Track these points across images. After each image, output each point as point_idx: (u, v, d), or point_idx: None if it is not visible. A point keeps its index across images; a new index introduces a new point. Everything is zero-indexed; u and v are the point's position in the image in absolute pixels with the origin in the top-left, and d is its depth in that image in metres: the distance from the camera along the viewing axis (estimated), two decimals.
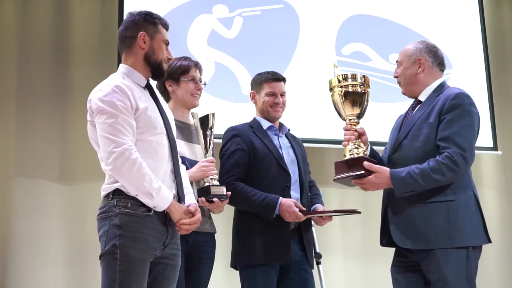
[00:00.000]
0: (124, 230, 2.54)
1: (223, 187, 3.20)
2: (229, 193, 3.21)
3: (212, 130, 3.23)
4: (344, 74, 3.09)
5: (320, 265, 3.76)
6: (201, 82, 3.35)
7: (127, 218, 2.55)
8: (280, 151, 3.47)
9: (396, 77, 3.22)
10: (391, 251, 3.21)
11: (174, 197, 2.65)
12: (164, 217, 2.64)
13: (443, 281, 2.87)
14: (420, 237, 2.92)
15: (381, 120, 4.60)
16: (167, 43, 2.77)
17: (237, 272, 3.45)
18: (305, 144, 3.78)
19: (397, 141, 3.07)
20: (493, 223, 5.88)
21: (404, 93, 3.21)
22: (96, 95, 2.63)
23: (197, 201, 3.09)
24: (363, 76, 3.06)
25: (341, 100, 3.05)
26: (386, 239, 3.10)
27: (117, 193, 2.59)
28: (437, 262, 2.88)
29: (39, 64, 4.91)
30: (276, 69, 3.66)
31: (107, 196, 2.62)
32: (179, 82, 3.30)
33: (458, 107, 2.98)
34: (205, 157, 3.22)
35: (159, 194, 2.56)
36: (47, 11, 4.99)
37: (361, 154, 3.00)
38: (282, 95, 3.56)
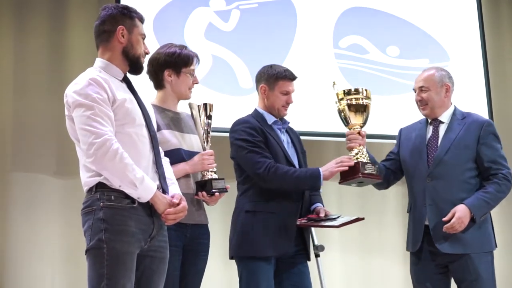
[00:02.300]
0: (109, 223, 2.53)
1: (223, 180, 3.18)
2: (229, 186, 3.20)
3: (211, 120, 3.22)
4: (349, 89, 3.47)
5: (318, 258, 3.76)
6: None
7: (112, 211, 2.55)
8: (287, 145, 3.49)
9: (420, 100, 3.62)
10: (388, 246, 3.36)
11: (158, 188, 2.64)
12: (150, 209, 2.63)
13: (479, 280, 3.42)
14: (458, 243, 3.41)
15: (377, 112, 4.58)
16: (143, 37, 2.76)
17: (234, 264, 3.44)
18: (302, 137, 3.76)
19: (438, 157, 3.50)
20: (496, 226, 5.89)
21: (427, 115, 3.64)
22: (72, 89, 2.63)
23: (197, 194, 3.11)
24: (365, 90, 3.45)
25: (347, 111, 3.44)
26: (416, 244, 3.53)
27: (100, 187, 2.58)
28: (473, 264, 3.41)
29: (35, 59, 4.90)
30: (274, 62, 3.63)
31: (90, 190, 2.61)
32: (180, 74, 3.22)
33: (494, 133, 3.59)
34: (204, 148, 3.21)
35: (142, 184, 2.55)
36: (44, 10, 4.98)
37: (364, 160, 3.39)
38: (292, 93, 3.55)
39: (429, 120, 3.65)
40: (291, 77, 3.52)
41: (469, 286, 3.43)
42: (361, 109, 3.43)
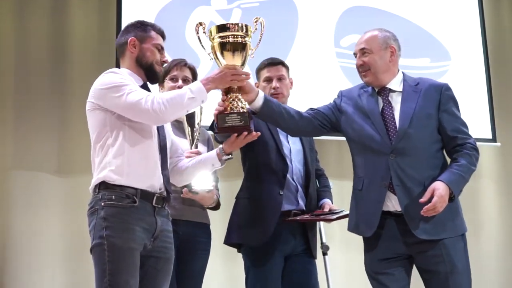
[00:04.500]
0: (110, 221, 2.59)
1: (210, 179, 3.17)
2: (214, 183, 3.19)
3: (199, 125, 3.23)
4: (224, 24, 2.86)
5: (326, 256, 3.74)
6: (185, 80, 3.33)
7: (113, 210, 2.61)
8: (285, 140, 3.45)
9: (361, 65, 3.18)
10: None
11: (161, 189, 2.72)
12: (152, 208, 2.68)
13: (454, 272, 2.97)
14: (434, 227, 2.98)
15: None
16: (159, 48, 2.86)
17: (238, 263, 3.44)
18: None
19: (402, 129, 3.04)
20: (493, 215, 5.90)
21: (369, 82, 3.17)
22: (98, 82, 2.73)
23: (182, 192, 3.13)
24: (245, 26, 2.88)
25: (220, 51, 2.84)
26: (371, 229, 3.07)
27: (103, 186, 2.65)
28: (448, 253, 2.98)
29: (37, 60, 4.91)
30: None
31: (94, 190, 2.69)
32: (164, 83, 3.35)
33: (453, 98, 3.14)
34: (191, 149, 3.21)
35: (193, 92, 2.66)
36: (45, 13, 4.98)
37: (244, 109, 2.85)
38: (280, 79, 3.50)
39: (377, 90, 3.19)
40: (267, 62, 3.54)
41: (441, 280, 2.99)
42: (239, 48, 2.84)
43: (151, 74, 2.84)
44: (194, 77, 3.37)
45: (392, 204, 3.04)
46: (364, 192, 3.10)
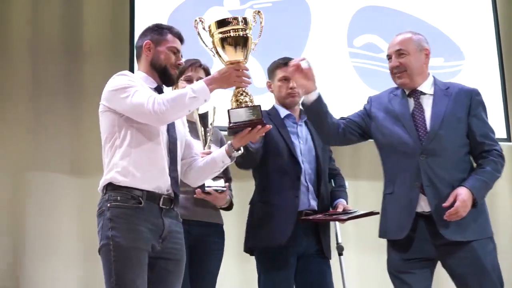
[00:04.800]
0: (116, 222, 2.61)
1: (222, 179, 3.19)
2: (227, 184, 3.21)
3: (212, 125, 3.22)
4: (223, 19, 2.80)
5: (341, 257, 3.73)
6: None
7: (118, 211, 2.63)
8: (297, 141, 3.45)
9: (397, 66, 3.19)
10: None
11: (168, 191, 2.72)
12: (159, 210, 2.69)
13: (485, 275, 2.98)
14: (462, 229, 2.99)
15: None
16: (174, 51, 2.87)
17: (251, 264, 3.44)
18: None
19: (433, 130, 3.08)
20: (508, 215, 5.86)
21: (404, 83, 3.19)
22: (108, 84, 2.75)
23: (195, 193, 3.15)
24: (244, 19, 2.80)
25: (222, 46, 2.78)
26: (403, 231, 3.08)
27: (110, 187, 2.68)
28: (477, 255, 2.99)
29: (51, 60, 4.91)
30: None
31: (102, 191, 2.71)
32: (178, 84, 3.34)
33: (482, 103, 3.19)
34: (204, 149, 3.22)
35: (195, 92, 2.64)
36: (58, 8, 4.99)
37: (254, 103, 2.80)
38: None
39: (407, 92, 3.22)
40: (283, 61, 3.52)
41: (471, 282, 3.00)
42: (241, 42, 2.76)
43: (165, 77, 2.86)
44: None
45: (421, 205, 3.06)
46: (395, 195, 3.13)
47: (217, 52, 2.80)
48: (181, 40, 2.92)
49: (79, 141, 4.86)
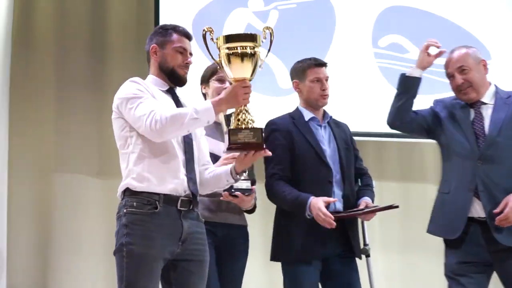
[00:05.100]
0: (130, 228, 2.63)
1: (248, 181, 3.18)
2: (254, 187, 3.20)
3: None
4: (231, 34, 2.78)
5: (369, 258, 3.72)
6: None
7: (133, 217, 2.64)
8: (322, 145, 3.41)
9: (462, 83, 3.23)
10: (431, 243, 3.31)
11: (185, 192, 2.71)
12: (178, 212, 2.68)
13: None
14: None
15: None
16: (181, 50, 2.85)
17: (276, 266, 3.44)
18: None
19: (490, 137, 3.14)
20: None
21: (472, 98, 3.24)
22: (119, 91, 2.78)
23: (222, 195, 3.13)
24: (254, 34, 2.76)
25: (228, 62, 2.70)
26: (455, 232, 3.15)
27: (127, 193, 2.69)
28: None
29: (77, 61, 4.95)
30: None
31: (120, 196, 2.73)
32: (208, 83, 3.37)
33: None
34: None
35: (198, 113, 2.59)
36: (84, 6, 5.03)
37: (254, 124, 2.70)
38: (327, 80, 3.49)
39: (469, 102, 3.29)
40: (316, 62, 3.49)
41: None
42: (248, 59, 2.69)
43: (174, 79, 2.86)
44: None
45: (477, 210, 3.12)
46: (451, 195, 3.20)
47: (222, 66, 2.73)
48: (188, 37, 2.90)
49: (105, 142, 4.88)
